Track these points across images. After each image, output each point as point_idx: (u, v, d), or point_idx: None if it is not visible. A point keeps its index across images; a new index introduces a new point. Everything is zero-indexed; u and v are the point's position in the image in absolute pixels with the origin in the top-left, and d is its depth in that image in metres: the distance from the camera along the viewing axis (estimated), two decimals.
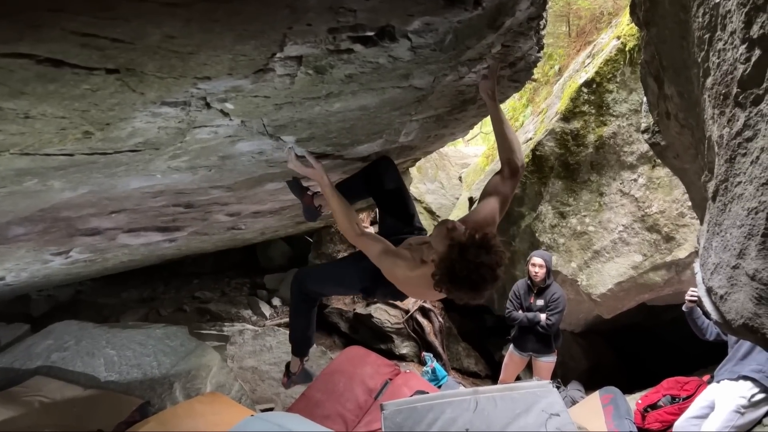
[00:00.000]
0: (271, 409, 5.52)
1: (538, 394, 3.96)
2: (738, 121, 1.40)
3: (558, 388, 4.46)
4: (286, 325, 7.84)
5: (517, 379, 5.87)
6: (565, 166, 5.81)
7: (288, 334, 3.60)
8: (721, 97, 1.49)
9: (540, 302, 5.34)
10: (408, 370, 5.87)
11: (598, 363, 6.92)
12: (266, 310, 8.40)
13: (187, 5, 1.29)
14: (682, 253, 5.28)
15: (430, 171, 9.35)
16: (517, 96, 7.53)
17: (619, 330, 7.17)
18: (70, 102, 1.56)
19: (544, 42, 3.13)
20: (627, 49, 5.25)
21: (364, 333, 7.71)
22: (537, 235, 6.05)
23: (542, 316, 5.24)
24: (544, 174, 5.91)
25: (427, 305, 7.71)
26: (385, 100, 2.58)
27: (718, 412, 3.85)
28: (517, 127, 7.48)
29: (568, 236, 5.87)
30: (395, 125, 3.16)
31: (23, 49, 1.23)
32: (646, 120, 2.92)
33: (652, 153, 4.31)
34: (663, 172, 5.20)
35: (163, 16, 1.30)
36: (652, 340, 7.12)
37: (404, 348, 7.52)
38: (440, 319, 7.69)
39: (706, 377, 4.54)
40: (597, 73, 5.44)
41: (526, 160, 5.78)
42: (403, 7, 1.74)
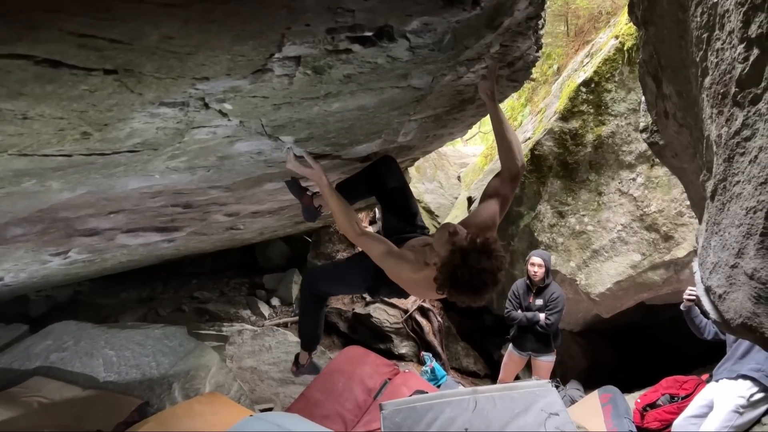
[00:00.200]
0: (270, 409, 5.51)
1: (537, 394, 3.96)
2: (736, 120, 1.40)
3: (557, 388, 4.47)
4: (285, 325, 7.86)
5: (516, 378, 5.88)
6: (563, 166, 5.81)
7: (297, 331, 3.73)
8: (720, 97, 1.49)
9: (539, 302, 5.34)
10: (407, 370, 5.87)
11: (597, 362, 6.93)
12: (265, 310, 8.40)
13: (185, 6, 1.29)
14: (681, 253, 5.28)
15: (429, 171, 9.35)
16: (515, 95, 7.54)
17: (618, 329, 7.17)
18: (69, 103, 1.55)
19: (543, 41, 3.13)
20: (625, 48, 5.25)
21: (363, 333, 7.71)
22: (536, 234, 6.05)
23: (541, 316, 5.24)
24: (543, 173, 5.91)
25: (426, 305, 7.71)
26: (384, 100, 2.58)
27: (717, 412, 3.85)
28: (516, 127, 7.48)
29: (567, 236, 5.88)
30: (394, 125, 3.16)
31: (21, 50, 1.23)
32: (645, 119, 2.92)
33: (650, 152, 4.32)
34: (661, 172, 5.20)
35: (161, 17, 1.30)
36: (650, 340, 7.12)
37: (403, 348, 7.52)
38: (439, 319, 7.70)
39: (705, 376, 4.55)
40: (595, 72, 5.44)
41: (525, 159, 5.78)
42: (402, 8, 1.74)
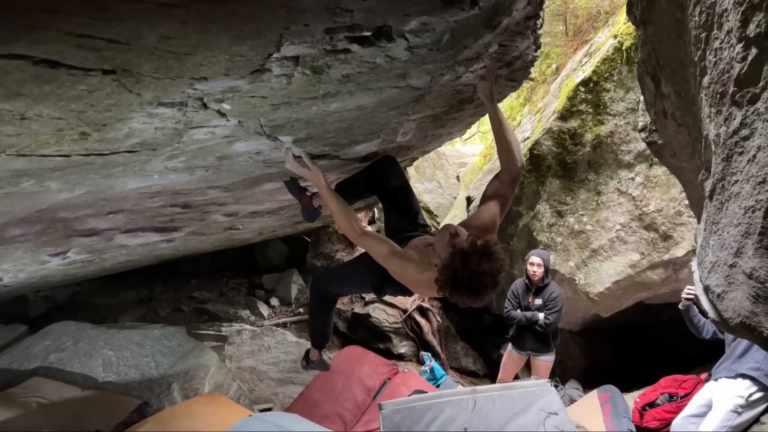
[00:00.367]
0: (270, 409, 5.52)
1: (537, 393, 3.96)
2: (735, 119, 1.40)
3: (556, 387, 4.47)
4: (284, 325, 7.86)
5: (516, 378, 5.88)
6: (562, 165, 5.81)
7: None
8: (718, 96, 1.49)
9: (538, 301, 5.34)
10: (406, 370, 5.88)
11: (596, 362, 6.93)
12: (264, 310, 8.40)
13: (184, 6, 1.29)
14: (680, 252, 5.28)
15: (428, 170, 9.36)
16: (514, 95, 7.54)
17: (617, 328, 7.17)
18: (67, 103, 1.55)
19: (541, 41, 3.13)
20: (624, 48, 5.25)
21: (363, 333, 7.71)
22: (535, 234, 6.05)
23: (540, 315, 5.25)
24: (542, 173, 5.91)
25: (425, 305, 7.71)
26: (383, 100, 2.58)
27: (716, 412, 3.85)
28: (515, 126, 7.48)
29: (566, 235, 5.88)
30: (393, 125, 3.16)
31: (19, 51, 1.23)
32: (643, 119, 2.92)
33: (649, 152, 4.32)
34: (660, 171, 5.20)
35: (160, 17, 1.30)
36: (650, 339, 7.12)
37: (402, 347, 7.52)
38: (438, 319, 7.70)
39: (704, 375, 4.55)
40: (594, 72, 5.44)
41: (524, 159, 5.78)
42: (400, 7, 1.74)
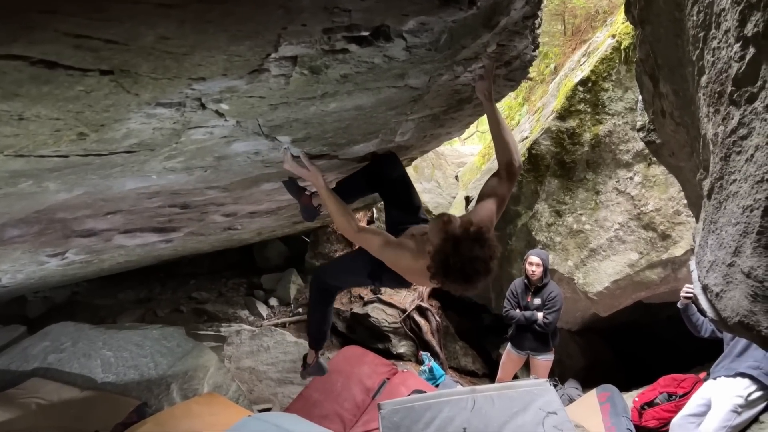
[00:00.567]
0: (269, 410, 5.52)
1: (536, 393, 3.96)
2: (733, 119, 1.40)
3: (555, 387, 4.47)
4: (283, 326, 7.86)
5: (515, 377, 5.88)
6: (561, 165, 5.81)
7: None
8: (716, 95, 1.49)
9: (537, 301, 5.34)
10: (405, 370, 5.88)
11: (595, 361, 6.93)
12: (263, 310, 8.40)
13: (181, 6, 1.29)
14: (678, 251, 5.28)
15: (427, 170, 9.35)
16: (512, 95, 7.53)
17: (615, 328, 7.17)
18: (65, 103, 1.55)
19: (540, 41, 3.13)
20: (622, 47, 5.26)
21: (362, 333, 7.71)
22: (533, 233, 6.06)
23: (539, 315, 5.25)
24: (540, 173, 5.92)
25: (425, 304, 7.71)
26: (381, 100, 2.58)
27: (715, 412, 3.85)
28: (513, 126, 7.49)
29: (565, 235, 5.88)
30: (391, 125, 3.16)
31: (16, 51, 1.23)
32: (642, 118, 2.93)
33: (647, 151, 4.32)
34: (659, 170, 5.20)
35: (157, 17, 1.30)
36: (648, 338, 7.13)
37: (401, 347, 7.52)
38: (437, 318, 7.70)
39: (703, 374, 4.55)
40: (592, 71, 5.44)
41: (522, 159, 5.79)
42: (398, 7, 1.74)
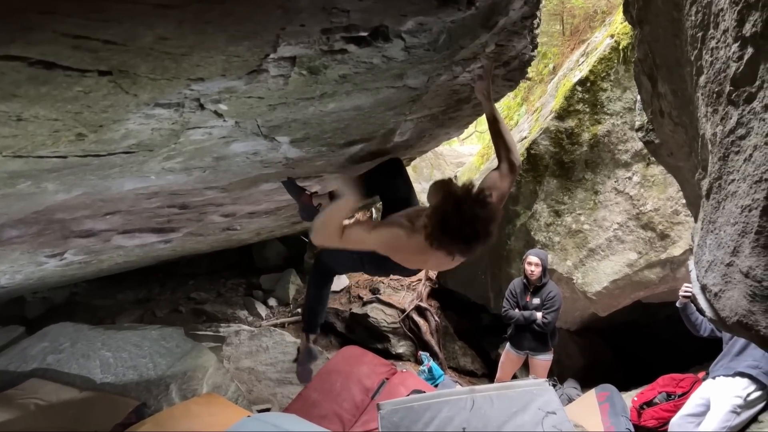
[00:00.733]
0: (268, 410, 5.51)
1: (535, 393, 3.96)
2: (731, 119, 1.40)
3: (554, 386, 4.47)
4: (282, 326, 7.85)
5: (514, 377, 5.88)
6: (559, 165, 5.81)
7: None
8: (714, 95, 1.49)
9: (536, 301, 5.34)
10: (404, 370, 5.87)
11: (594, 361, 6.93)
12: (262, 310, 8.39)
13: (180, 7, 1.29)
14: (677, 251, 5.29)
15: (426, 170, 9.36)
16: (511, 95, 7.54)
17: (614, 327, 7.17)
18: (63, 104, 1.55)
19: (538, 41, 3.13)
20: (621, 47, 5.26)
21: (361, 333, 7.71)
22: (532, 233, 6.06)
23: (538, 315, 5.25)
24: (539, 172, 5.92)
25: (424, 304, 7.71)
26: (380, 100, 2.58)
27: (715, 413, 3.85)
28: (512, 126, 7.49)
29: (564, 234, 5.88)
30: (390, 125, 3.16)
31: (15, 52, 1.23)
32: (640, 118, 2.93)
33: (646, 151, 4.32)
34: (657, 170, 5.20)
35: (156, 18, 1.30)
36: (647, 338, 7.13)
37: (401, 347, 7.52)
38: (436, 318, 7.70)
39: (701, 374, 4.55)
40: (591, 71, 5.44)
41: (521, 159, 5.79)
42: (397, 8, 1.74)
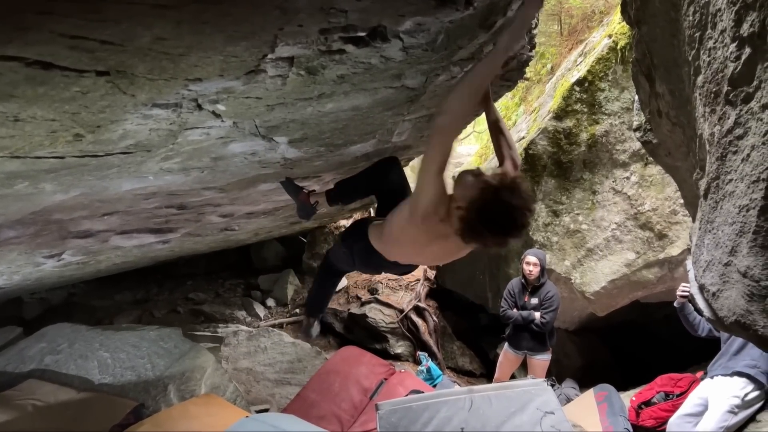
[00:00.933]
0: (266, 410, 5.50)
1: (533, 393, 3.96)
2: (729, 119, 1.40)
3: (552, 386, 4.48)
4: (281, 326, 7.85)
5: (512, 377, 5.88)
6: (557, 165, 5.82)
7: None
8: (712, 95, 1.50)
9: (534, 300, 5.34)
10: (403, 370, 5.87)
11: (593, 360, 6.93)
12: (260, 311, 8.39)
13: (177, 7, 1.29)
14: (675, 251, 5.29)
15: None
16: (509, 95, 7.54)
17: (612, 327, 7.18)
18: (60, 104, 1.55)
19: (536, 41, 3.14)
20: (618, 47, 5.26)
21: (359, 333, 7.71)
22: (530, 233, 6.05)
23: (536, 315, 5.25)
24: (537, 172, 5.92)
25: (422, 305, 7.71)
26: (378, 101, 2.58)
27: (712, 413, 3.85)
28: (510, 126, 7.49)
29: (562, 234, 5.88)
30: (388, 125, 3.16)
31: (12, 52, 1.23)
32: (638, 118, 2.93)
33: (644, 151, 4.32)
34: (655, 170, 5.21)
35: (153, 18, 1.30)
36: (645, 337, 7.14)
37: (399, 347, 7.52)
38: (435, 319, 7.70)
39: (700, 374, 4.56)
40: (589, 71, 5.45)
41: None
42: (395, 8, 1.74)
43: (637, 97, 2.78)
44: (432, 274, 8.17)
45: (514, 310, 5.40)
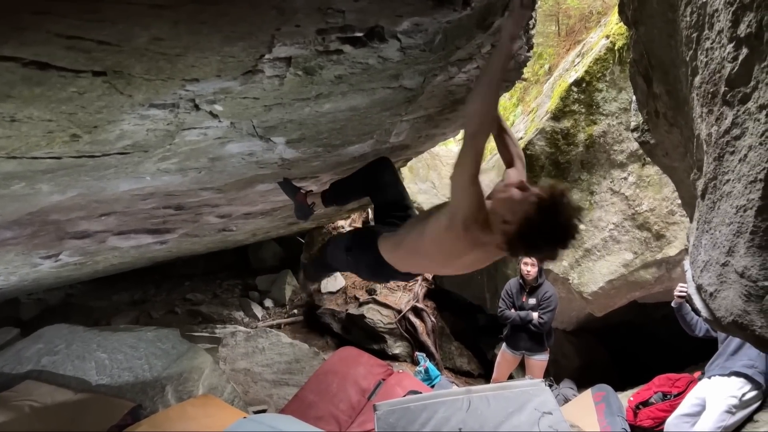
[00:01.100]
0: (264, 411, 5.50)
1: (531, 393, 3.97)
2: (726, 119, 1.40)
3: (550, 387, 4.47)
4: (278, 327, 7.85)
5: (510, 377, 5.88)
6: (555, 165, 5.82)
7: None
8: (710, 96, 1.50)
9: (532, 301, 5.35)
10: (401, 370, 5.87)
11: (590, 361, 6.94)
12: (258, 311, 8.38)
13: (174, 7, 1.29)
14: (673, 251, 5.30)
15: (422, 171, 9.35)
16: (507, 95, 7.55)
17: (610, 328, 7.18)
18: (57, 105, 1.54)
19: (534, 41, 3.14)
20: (616, 48, 5.27)
21: (357, 333, 7.70)
22: None
23: (534, 315, 5.25)
24: (535, 173, 5.91)
25: (420, 305, 7.71)
26: (375, 101, 2.58)
27: (710, 413, 3.86)
28: None
29: None
30: (386, 125, 3.16)
31: (8, 52, 1.22)
32: (636, 118, 2.93)
33: (641, 151, 4.32)
34: (653, 171, 5.21)
35: (150, 18, 1.29)
36: (643, 338, 7.14)
37: (397, 348, 7.51)
38: (433, 319, 7.70)
39: (697, 374, 4.56)
40: (586, 72, 5.45)
41: None
42: (392, 8, 1.74)
43: (634, 98, 2.78)
44: (430, 275, 8.17)
45: (512, 311, 5.40)
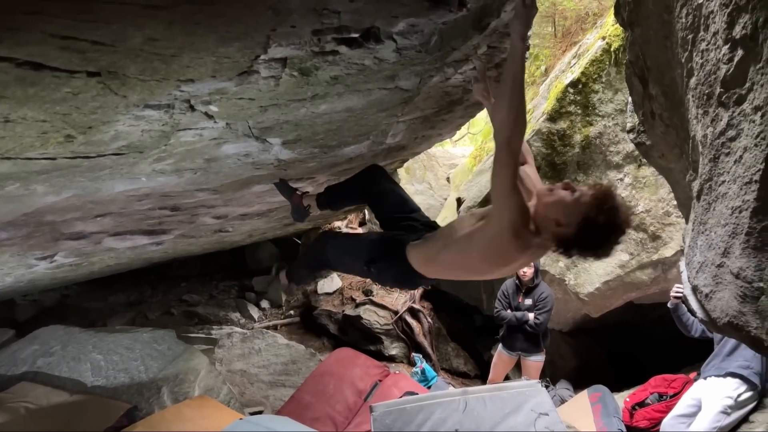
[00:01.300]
0: (260, 413, 5.49)
1: (527, 394, 3.97)
2: (721, 120, 1.41)
3: (547, 387, 4.48)
4: (275, 328, 7.84)
5: (506, 378, 5.88)
6: (551, 166, 5.82)
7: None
8: (705, 97, 1.50)
9: (528, 301, 5.35)
10: (397, 371, 5.87)
11: (587, 362, 6.95)
12: (254, 312, 8.37)
13: (169, 8, 1.28)
14: (669, 252, 5.30)
15: (418, 172, 9.36)
16: None
17: (607, 328, 7.19)
18: (51, 105, 1.54)
19: (530, 43, 3.14)
20: (612, 49, 5.28)
21: (353, 334, 7.70)
22: None
23: (530, 316, 5.26)
24: None
25: (416, 306, 7.71)
26: (372, 102, 2.57)
27: (705, 413, 3.86)
28: None
29: None
30: (382, 126, 3.16)
31: (1, 53, 1.22)
32: (632, 120, 2.94)
33: (637, 152, 4.33)
34: (649, 172, 5.22)
35: (145, 19, 1.29)
36: (639, 338, 7.15)
37: (393, 349, 7.51)
38: (429, 320, 7.70)
39: (693, 375, 4.57)
40: (583, 73, 5.46)
41: None
42: (388, 9, 1.74)
43: (630, 99, 2.79)
44: None
45: (508, 311, 5.41)
